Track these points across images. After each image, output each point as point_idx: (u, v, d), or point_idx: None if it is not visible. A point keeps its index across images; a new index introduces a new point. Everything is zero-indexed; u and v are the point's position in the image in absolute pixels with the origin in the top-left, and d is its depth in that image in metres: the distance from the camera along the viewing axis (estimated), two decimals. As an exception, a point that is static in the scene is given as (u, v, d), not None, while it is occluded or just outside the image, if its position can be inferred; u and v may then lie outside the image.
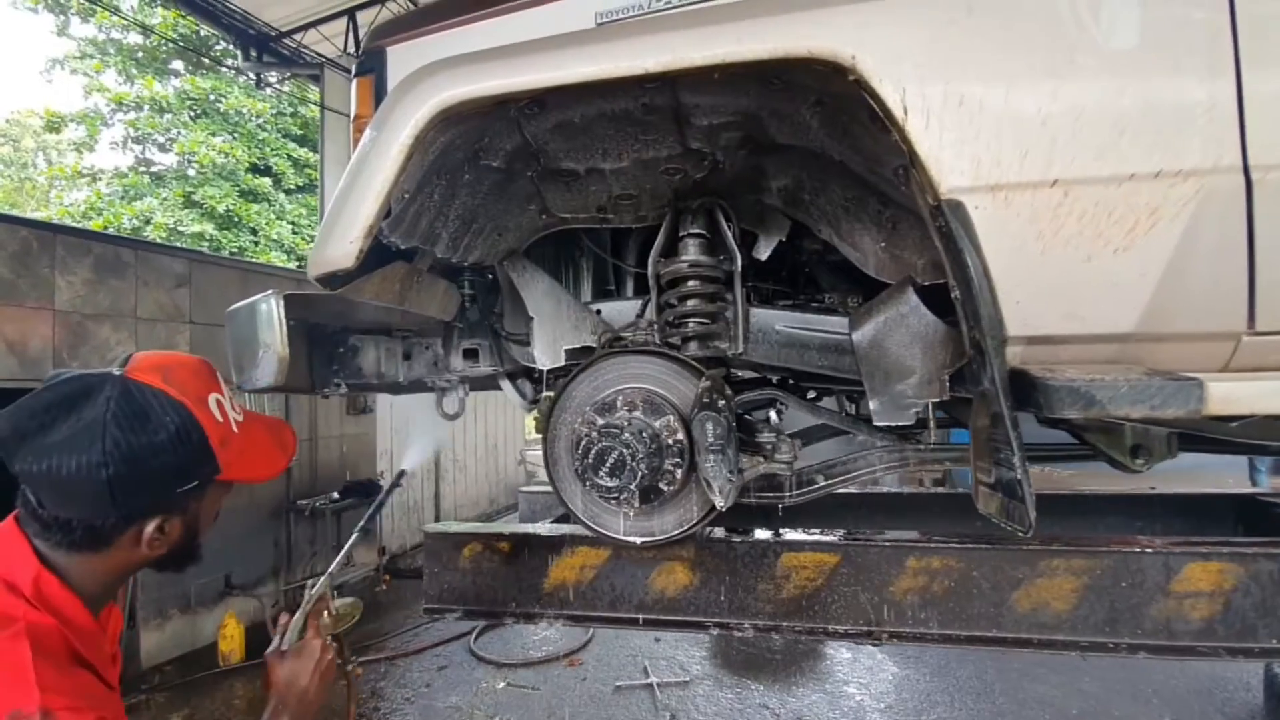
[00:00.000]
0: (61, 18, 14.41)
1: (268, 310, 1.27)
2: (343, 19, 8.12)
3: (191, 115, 14.77)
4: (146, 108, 14.62)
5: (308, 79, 9.68)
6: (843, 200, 1.50)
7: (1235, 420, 1.04)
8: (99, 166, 15.37)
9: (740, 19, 1.04)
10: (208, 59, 13.65)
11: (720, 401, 1.26)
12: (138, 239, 8.18)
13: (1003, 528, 1.58)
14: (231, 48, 8.77)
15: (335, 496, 5.93)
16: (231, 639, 4.78)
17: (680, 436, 1.32)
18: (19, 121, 16.99)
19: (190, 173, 14.68)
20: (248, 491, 5.71)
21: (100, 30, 14.60)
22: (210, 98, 14.71)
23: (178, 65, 15.27)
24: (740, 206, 1.63)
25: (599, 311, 1.72)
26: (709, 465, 1.22)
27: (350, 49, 8.15)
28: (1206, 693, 4.03)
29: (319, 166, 9.05)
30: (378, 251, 1.31)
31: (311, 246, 1.19)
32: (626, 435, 1.26)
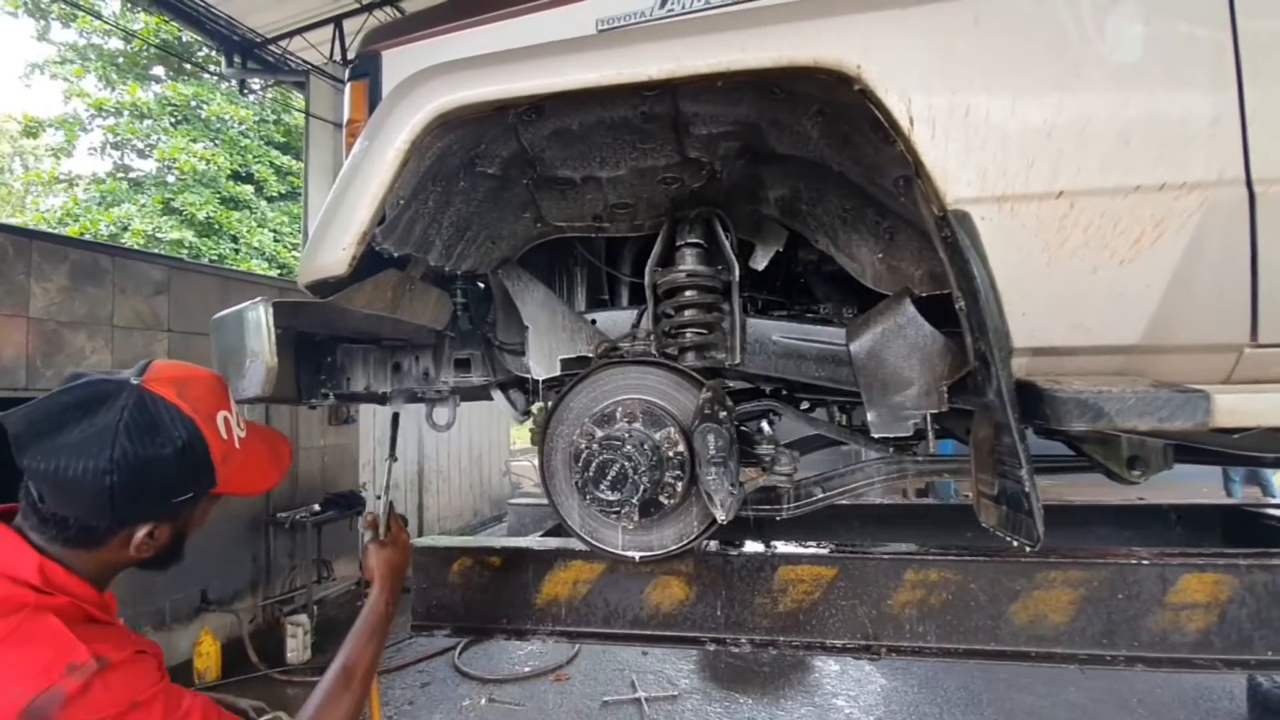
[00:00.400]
0: (42, 22, 14.19)
1: (256, 318, 1.22)
2: (329, 26, 8.07)
3: (172, 121, 14.57)
4: (126, 113, 14.40)
5: (292, 86, 9.59)
6: (840, 211, 1.50)
7: (1238, 432, 1.04)
8: (76, 172, 15.08)
9: (744, 27, 1.03)
10: (190, 64, 13.50)
11: (722, 413, 1.24)
12: (115, 245, 8.02)
13: (997, 540, 1.58)
14: (214, 54, 8.68)
15: (316, 509, 5.81)
16: (207, 656, 4.65)
17: (681, 449, 1.30)
18: (-5, 126, 16.67)
19: (170, 179, 14.44)
20: (225, 504, 5.57)
21: (81, 35, 14.38)
22: (192, 104, 14.52)
23: (159, 71, 15.07)
24: (737, 216, 1.62)
25: (594, 321, 1.70)
26: (710, 478, 1.20)
27: (336, 57, 8.09)
28: (1191, 701, 4.07)
29: (303, 174, 8.95)
30: (369, 258, 1.28)
31: (295, 255, 1.16)
32: (628, 447, 1.23)
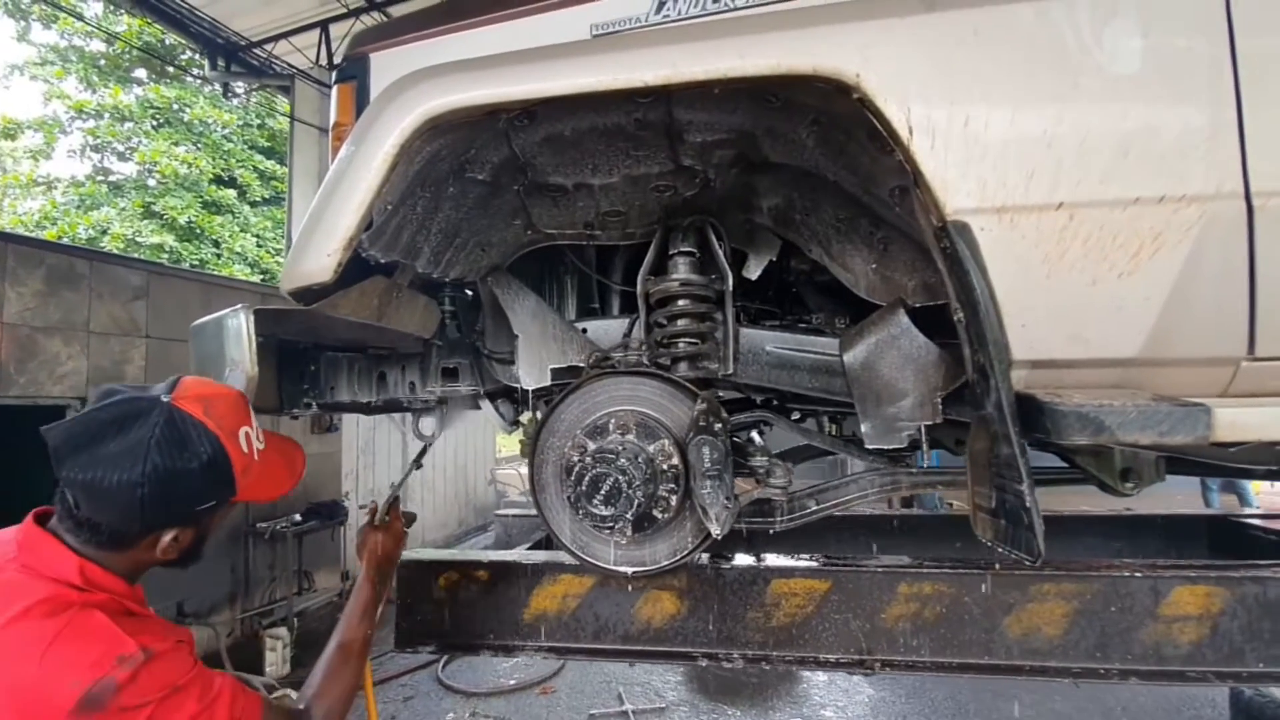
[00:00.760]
0: (22, 23, 13.95)
1: (236, 326, 1.18)
2: (315, 31, 8.01)
3: (154, 124, 14.36)
4: (107, 116, 14.18)
5: (277, 90, 9.51)
6: (834, 221, 1.49)
7: (1235, 446, 1.03)
8: (55, 175, 14.81)
9: (742, 34, 1.02)
10: (174, 67, 13.33)
11: (717, 425, 1.22)
12: (93, 249, 7.85)
13: (988, 551, 1.57)
14: (198, 57, 8.58)
15: (297, 519, 5.70)
16: (183, 671, 4.52)
17: (675, 461, 1.28)
18: (-30, 127, 16.31)
19: (151, 183, 14.22)
20: (204, 514, 5.46)
21: (62, 37, 14.16)
22: (174, 107, 14.34)
23: (141, 74, 14.86)
24: (730, 225, 1.61)
25: (585, 330, 1.67)
26: (705, 491, 1.18)
27: (322, 61, 8.02)
28: (1175, 710, 4.10)
29: (288, 179, 8.85)
30: (355, 265, 1.25)
31: (278, 260, 1.13)
32: (622, 461, 1.20)
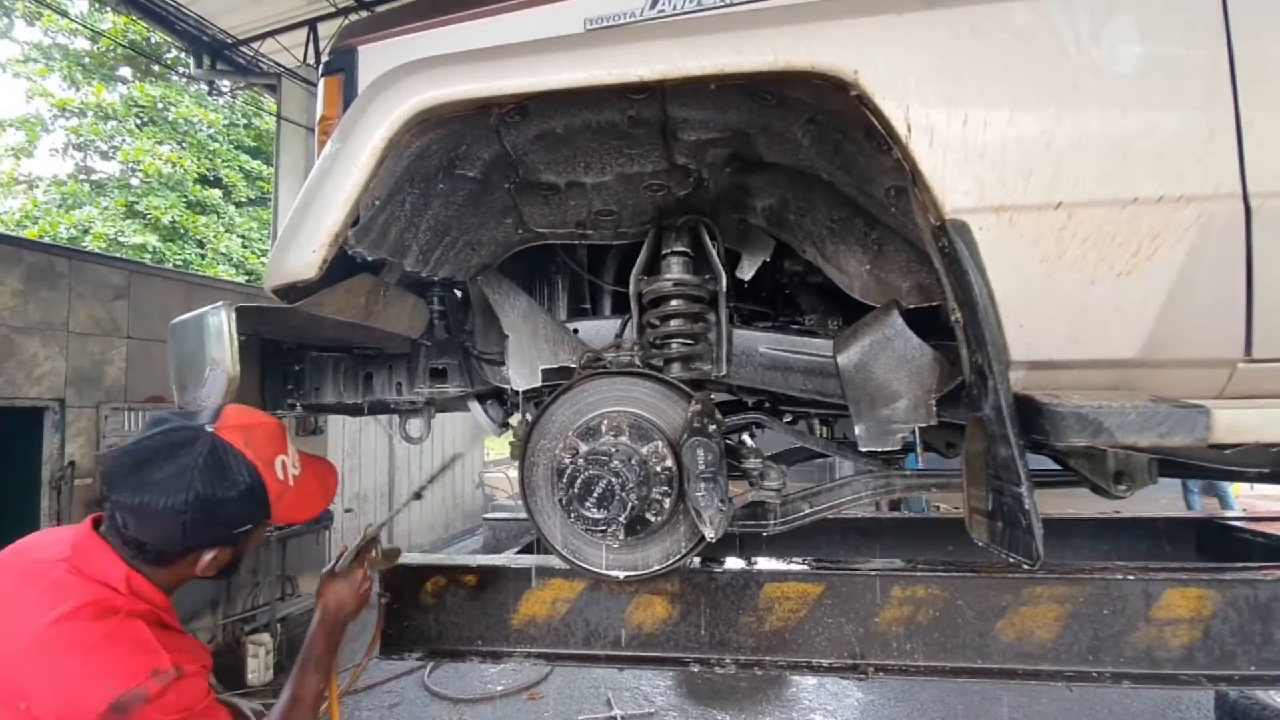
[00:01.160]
0: (5, 20, 13.71)
1: (217, 323, 1.14)
2: (303, 29, 7.93)
3: (138, 123, 14.17)
4: (91, 114, 13.97)
5: (264, 89, 9.40)
6: (829, 221, 1.48)
7: (1230, 448, 1.03)
8: (37, 174, 14.55)
9: (739, 29, 1.00)
10: (159, 64, 13.15)
11: (711, 426, 1.20)
12: (73, 248, 7.72)
13: (981, 554, 1.55)
14: (184, 55, 8.47)
15: (291, 523, 5.61)
16: (162, 679, 4.43)
17: (669, 463, 1.26)
18: (-50, 124, 15.99)
19: (134, 182, 14.02)
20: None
21: (46, 34, 13.94)
22: (159, 106, 14.15)
23: (126, 72, 14.65)
24: (723, 225, 1.59)
25: (576, 331, 1.65)
26: (700, 494, 1.16)
27: (310, 60, 7.95)
28: (1160, 712, 4.12)
29: (274, 179, 8.76)
30: (341, 262, 1.22)
31: (264, 261, 1.10)
32: (615, 463, 1.18)
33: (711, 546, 1.39)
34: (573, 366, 1.54)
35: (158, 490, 1.02)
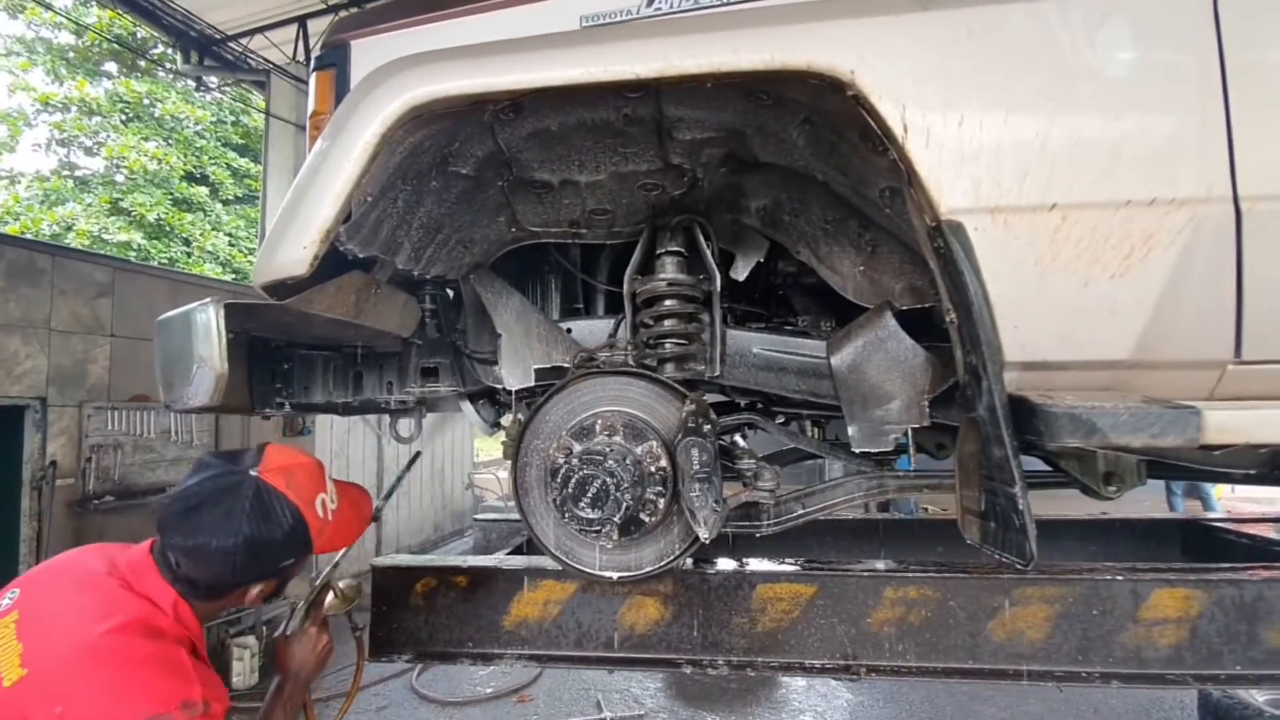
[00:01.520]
0: (-13, 13, 13.52)
1: (205, 320, 1.12)
2: (292, 26, 7.87)
3: (123, 119, 13.99)
4: (74, 109, 13.78)
5: (252, 85, 9.31)
6: (823, 222, 1.48)
7: (1220, 449, 1.04)
8: (19, 169, 14.35)
9: (736, 28, 1.00)
10: (145, 59, 12.99)
11: (705, 426, 1.19)
12: (55, 244, 7.60)
13: (971, 555, 1.55)
14: (171, 50, 8.37)
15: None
16: (145, 682, 4.36)
17: (664, 464, 1.25)
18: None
19: (119, 178, 13.85)
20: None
21: (30, 27, 13.74)
22: (145, 102, 13.99)
23: (111, 67, 14.47)
24: (717, 225, 1.59)
25: (569, 330, 1.64)
26: (694, 494, 1.15)
27: (299, 57, 7.88)
28: (1144, 711, 4.16)
29: (262, 176, 8.67)
30: (332, 259, 1.21)
31: (251, 260, 1.08)
32: (610, 462, 1.17)
33: (704, 547, 1.39)
34: (566, 366, 1.53)
35: (208, 534, 1.11)
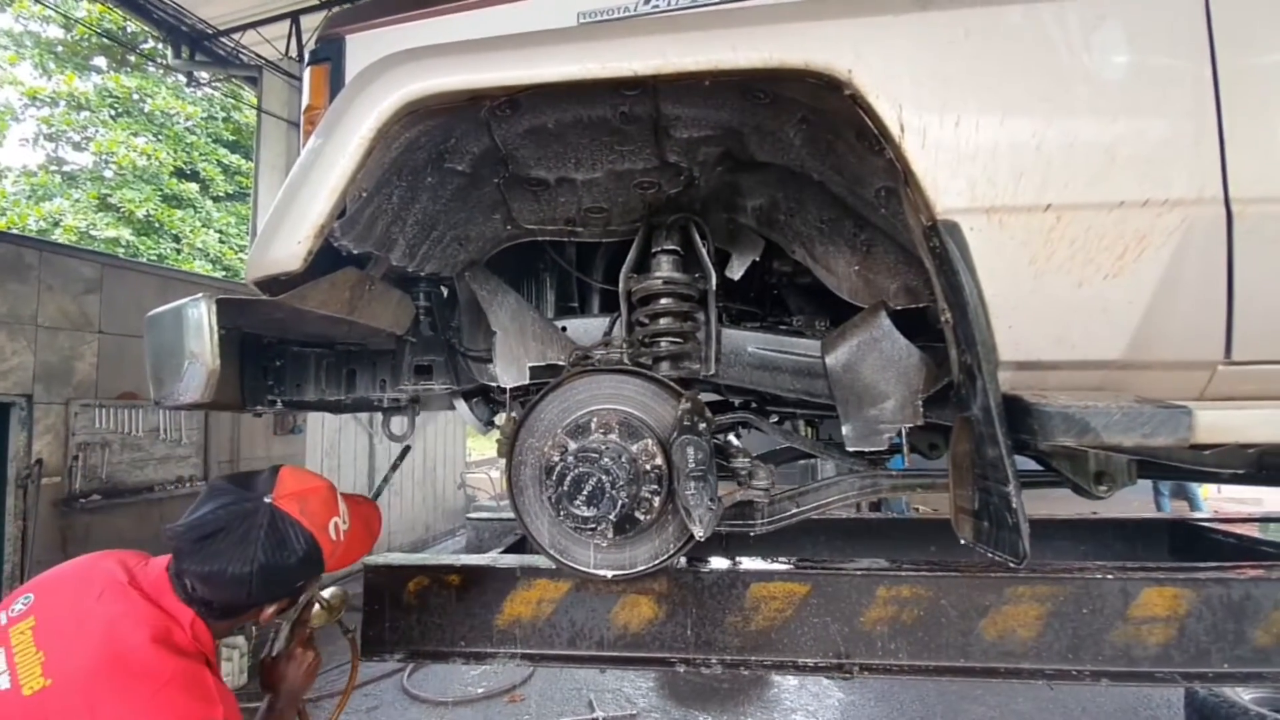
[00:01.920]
0: (-26, 5, 13.34)
1: (196, 316, 1.11)
2: (285, 22, 7.81)
3: (112, 114, 13.85)
4: (63, 103, 13.63)
5: (244, 81, 9.23)
6: (819, 222, 1.49)
7: (1210, 448, 1.05)
8: (6, 164, 14.16)
9: (735, 26, 1.00)
10: (136, 54, 12.85)
11: (701, 424, 1.19)
12: (42, 239, 7.52)
13: (962, 554, 1.56)
14: (161, 45, 8.29)
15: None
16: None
17: (659, 462, 1.25)
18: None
19: (107, 174, 13.71)
20: (152, 523, 5.27)
21: (17, 20, 13.58)
22: (134, 97, 13.85)
23: (100, 62, 14.32)
24: (713, 225, 1.59)
25: (564, 329, 1.64)
26: (690, 492, 1.15)
27: (292, 53, 7.83)
28: (1132, 710, 4.20)
29: (253, 173, 8.61)
30: (326, 255, 1.20)
31: (241, 257, 1.07)
32: (605, 460, 1.17)
33: (698, 546, 1.39)
34: (561, 364, 1.53)
35: (224, 560, 1.12)
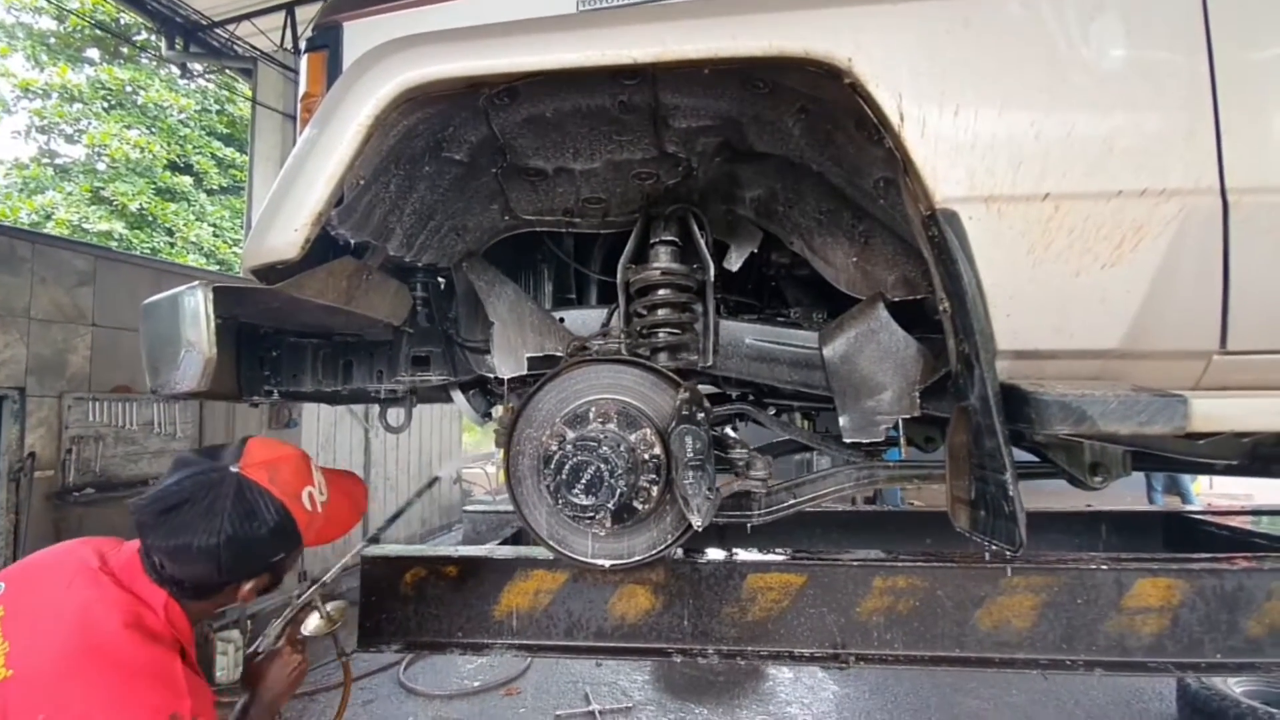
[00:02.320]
0: (-38, -4, 13.19)
1: (193, 304, 1.11)
2: (280, 13, 7.76)
3: (105, 106, 13.73)
4: (55, 95, 13.50)
5: (239, 73, 9.17)
6: (817, 213, 1.49)
7: (1205, 438, 1.05)
8: (-3, 157, 14.05)
9: (735, 14, 1.00)
10: (130, 44, 12.74)
11: (699, 414, 1.20)
12: (35, 231, 7.45)
13: (958, 546, 1.56)
14: (155, 37, 8.23)
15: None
16: (127, 676, 4.30)
17: (657, 451, 1.25)
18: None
19: (100, 167, 13.60)
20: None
21: (9, 12, 13.44)
22: (127, 89, 13.73)
23: (93, 53, 14.19)
24: (712, 216, 1.59)
25: (561, 320, 1.63)
26: (688, 482, 1.16)
27: (287, 44, 7.77)
28: (1124, 703, 4.23)
29: (248, 166, 8.56)
30: (323, 244, 1.19)
31: (236, 251, 1.07)
32: (604, 449, 1.17)
33: (695, 538, 1.40)
34: (559, 355, 1.53)
35: (189, 533, 1.07)
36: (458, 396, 1.77)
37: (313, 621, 1.40)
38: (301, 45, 1.48)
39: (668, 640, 1.56)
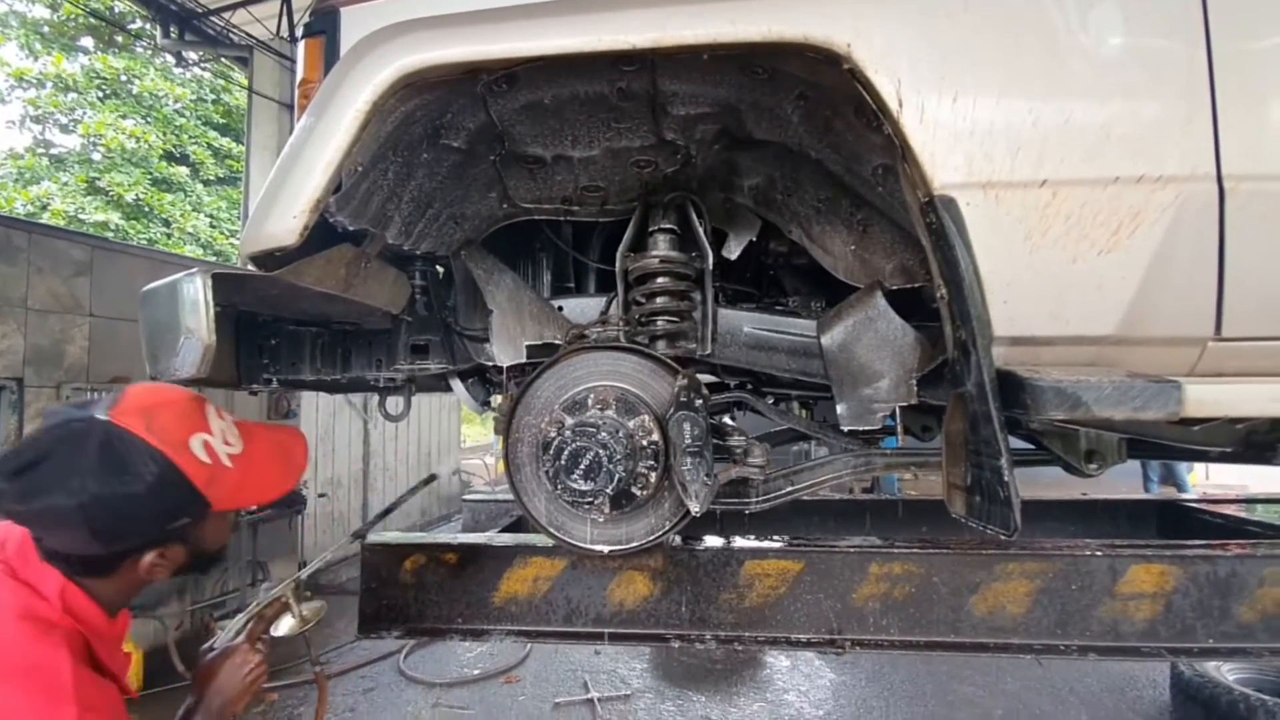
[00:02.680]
0: (-46, -17, 13.06)
1: (192, 291, 1.11)
2: (275, 1, 7.69)
3: (100, 95, 13.64)
4: (50, 85, 13.41)
5: (234, 62, 9.10)
6: (815, 201, 1.49)
7: (1199, 425, 1.06)
8: (-9, 146, 13.96)
9: (733, -1, 0.99)
10: (125, 33, 12.63)
11: (698, 401, 1.20)
12: (32, 221, 7.42)
13: (953, 533, 1.57)
14: (150, 25, 8.16)
15: (252, 508, 5.51)
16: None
17: (655, 437, 1.26)
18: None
19: (96, 157, 13.52)
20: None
21: (2, 1, 13.32)
22: (122, 78, 13.63)
23: (87, 42, 14.08)
24: (710, 204, 1.59)
25: (560, 308, 1.64)
26: (686, 468, 1.16)
27: (283, 33, 7.72)
28: (1119, 690, 4.27)
29: (244, 156, 8.51)
30: (322, 231, 1.19)
31: (233, 242, 1.06)
32: (603, 435, 1.18)
33: (693, 524, 1.41)
34: (558, 343, 1.53)
35: (47, 495, 0.89)
36: (457, 385, 1.77)
37: (285, 621, 1.26)
38: (298, 32, 1.47)
39: (666, 626, 1.57)
